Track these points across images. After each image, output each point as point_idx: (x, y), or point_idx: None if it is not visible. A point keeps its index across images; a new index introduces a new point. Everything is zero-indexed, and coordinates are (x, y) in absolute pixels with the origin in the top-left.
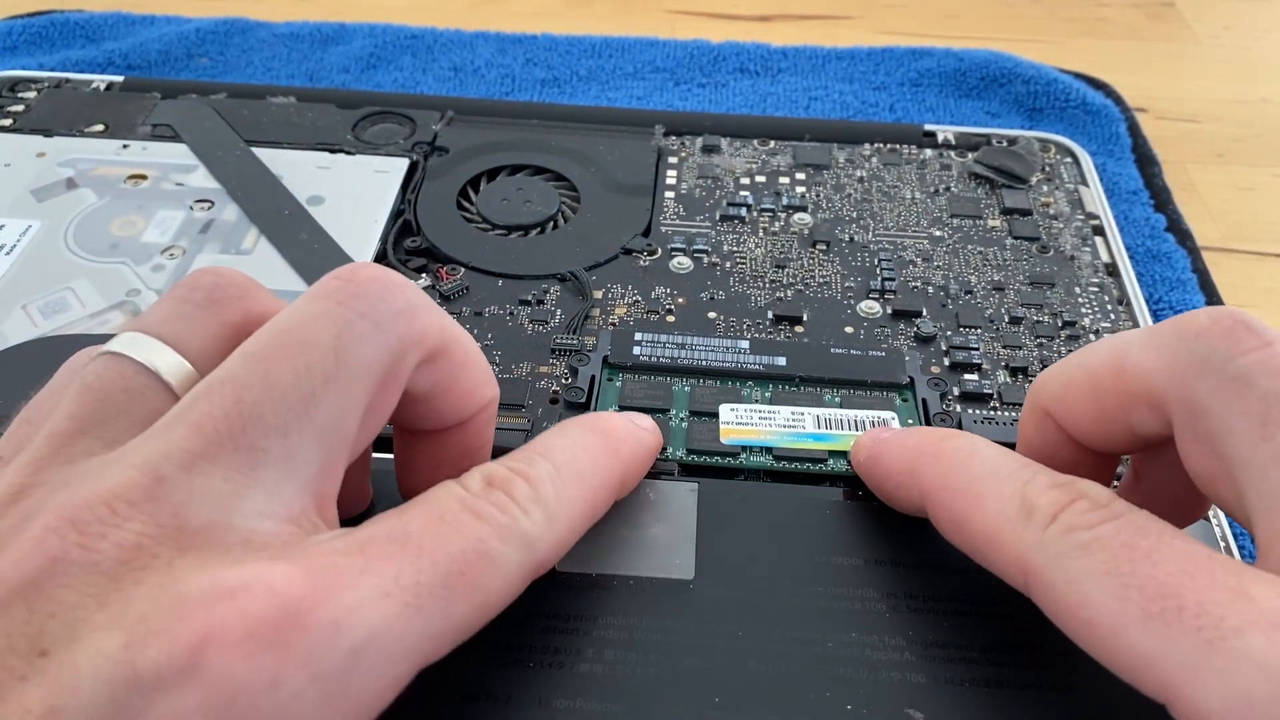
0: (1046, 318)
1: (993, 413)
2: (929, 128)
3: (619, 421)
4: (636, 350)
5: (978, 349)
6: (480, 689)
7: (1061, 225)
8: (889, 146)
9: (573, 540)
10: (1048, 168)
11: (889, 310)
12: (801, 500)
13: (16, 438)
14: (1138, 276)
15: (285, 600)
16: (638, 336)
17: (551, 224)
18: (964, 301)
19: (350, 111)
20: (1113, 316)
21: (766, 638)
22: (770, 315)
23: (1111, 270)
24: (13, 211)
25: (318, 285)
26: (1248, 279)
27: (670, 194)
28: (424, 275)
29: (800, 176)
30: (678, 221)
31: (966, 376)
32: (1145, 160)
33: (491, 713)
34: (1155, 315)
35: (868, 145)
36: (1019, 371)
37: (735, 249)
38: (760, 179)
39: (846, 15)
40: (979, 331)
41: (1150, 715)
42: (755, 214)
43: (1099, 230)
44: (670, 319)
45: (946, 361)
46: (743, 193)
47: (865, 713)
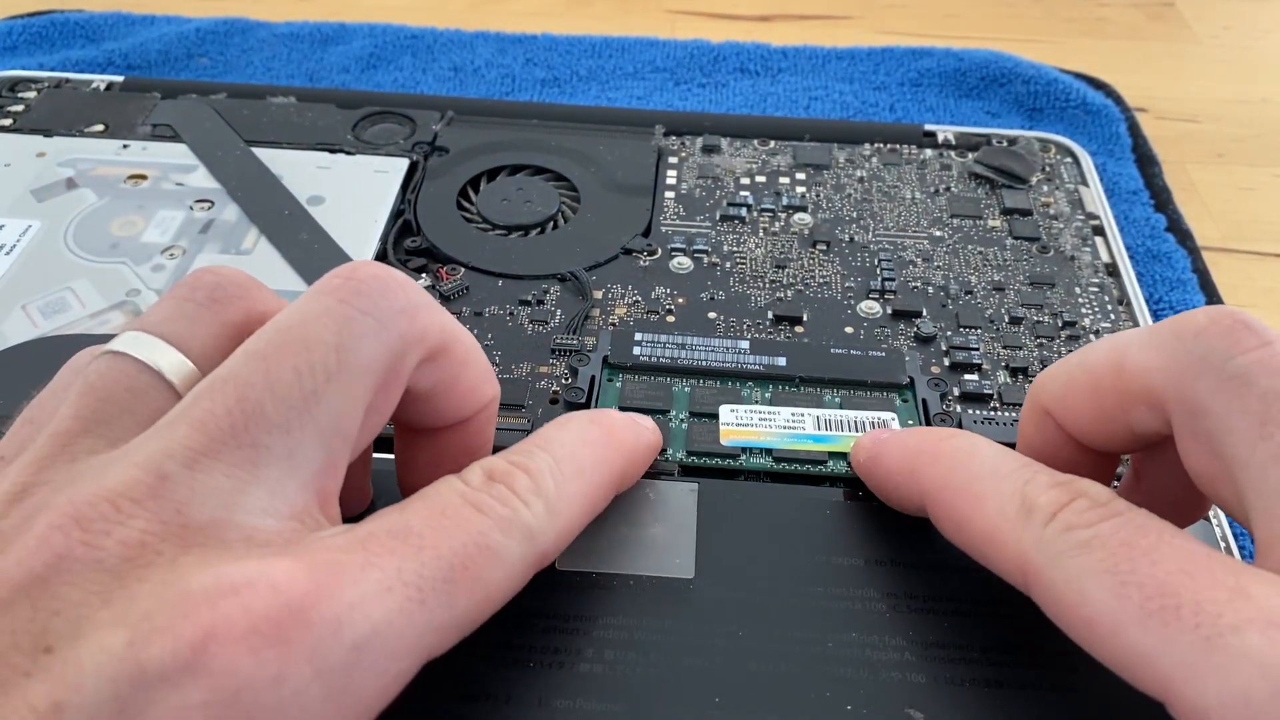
0: (1046, 318)
1: (993, 413)
2: (929, 128)
3: (619, 417)
4: (636, 350)
5: (978, 349)
6: (480, 689)
7: (1061, 225)
8: (889, 146)
9: (574, 532)
10: (1048, 168)
11: (889, 310)
12: (801, 500)
13: (19, 437)
14: (1138, 276)
15: (288, 596)
16: (638, 336)
17: (551, 224)
18: (964, 302)
19: (350, 111)
20: (1113, 316)
21: (766, 638)
22: (770, 315)
23: (1111, 270)
24: (13, 211)
25: (319, 283)
26: (1248, 279)
27: (670, 194)
28: (424, 275)
29: (800, 176)
30: (678, 221)
31: (966, 377)
32: (1145, 160)
33: (491, 713)
34: (1155, 315)
35: (868, 145)
36: (1019, 372)
37: (735, 249)
38: (760, 179)
39: (846, 15)
40: (979, 332)
41: (1150, 716)
42: (755, 214)
43: (1099, 230)
44: (670, 319)
45: (946, 362)
46: (743, 193)
47: (865, 713)
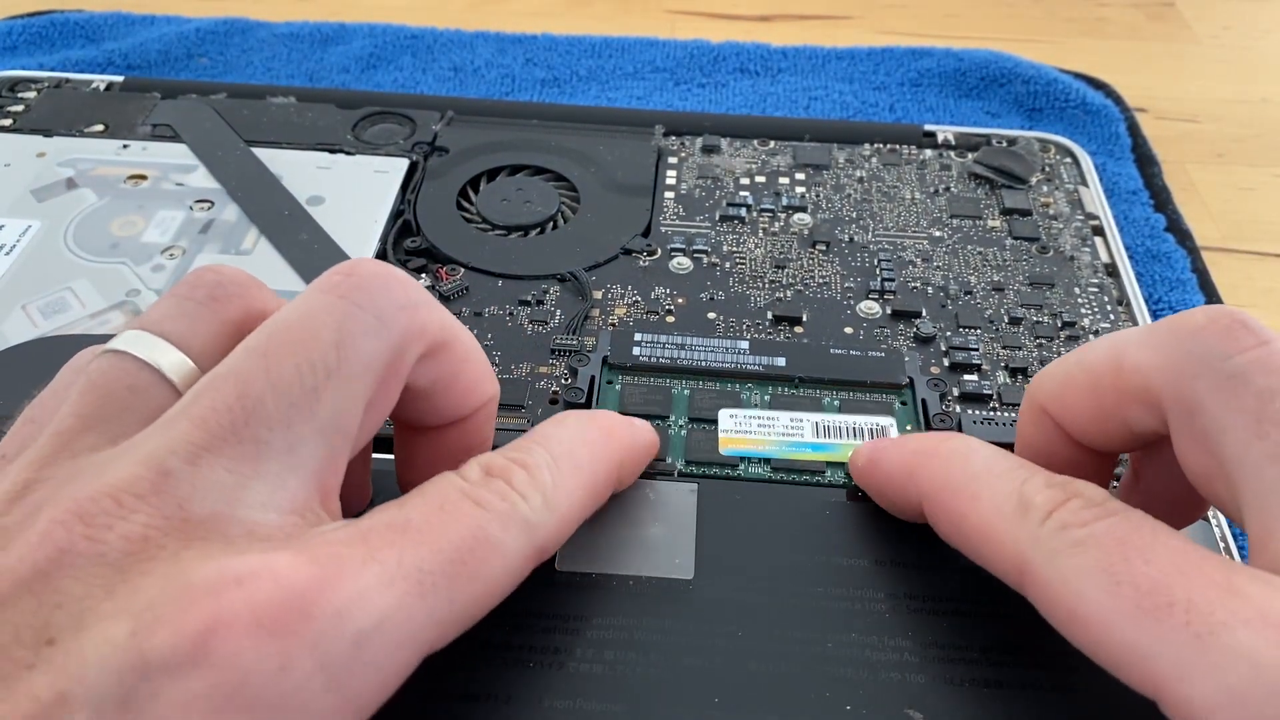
0: (1046, 318)
1: (992, 413)
2: (929, 128)
3: (616, 416)
4: (636, 351)
5: (977, 349)
6: (480, 689)
7: (1061, 225)
8: (889, 146)
9: (573, 526)
10: (1047, 168)
11: (889, 311)
12: (801, 500)
13: (20, 436)
14: (1137, 276)
15: (291, 588)
16: (637, 337)
17: (551, 224)
18: (964, 302)
19: (350, 111)
20: (1112, 317)
21: (766, 638)
22: (770, 316)
23: (1111, 270)
24: (13, 211)
25: (319, 280)
26: (1248, 279)
27: (670, 194)
28: (424, 275)
29: (800, 177)
30: (677, 222)
31: (966, 377)
32: (1145, 160)
33: (491, 713)
34: (1155, 315)
35: (868, 145)
36: (1019, 372)
37: (735, 249)
38: (760, 179)
39: (846, 15)
40: (978, 332)
41: (1149, 716)
42: (755, 214)
43: (1099, 230)
44: (670, 319)
45: (946, 362)
46: (742, 193)
47: (865, 713)
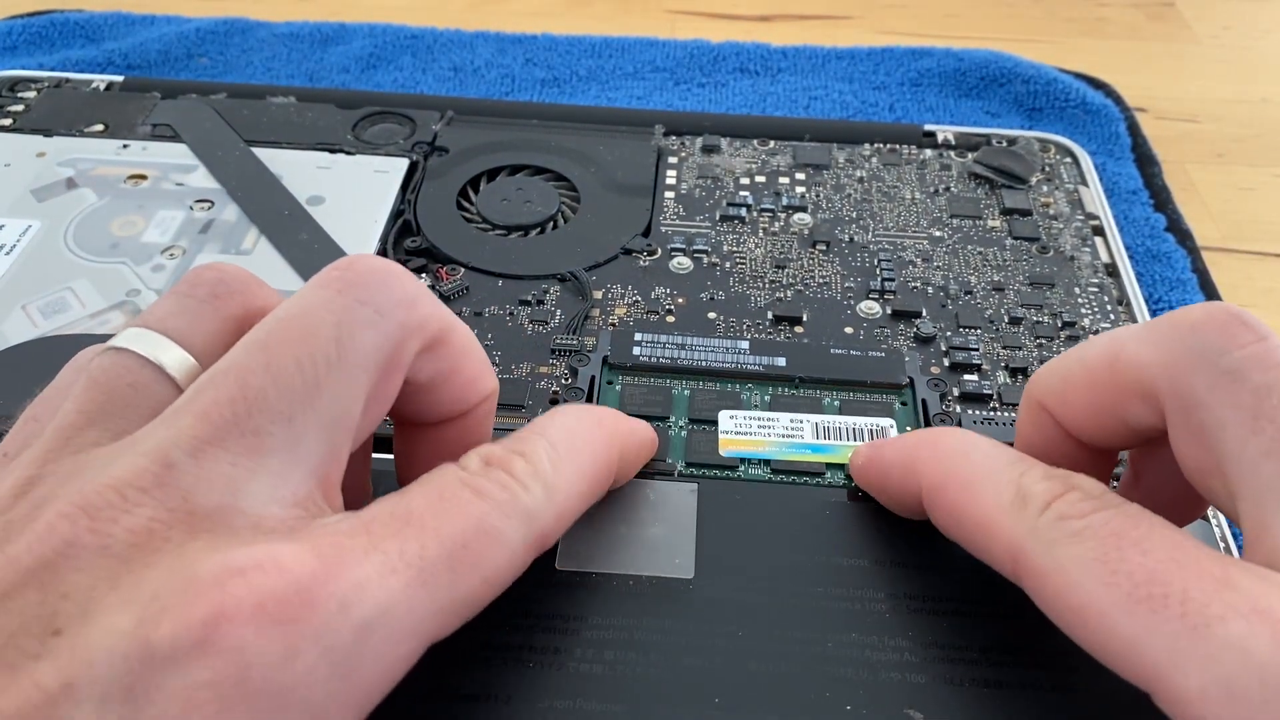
0: (1046, 318)
1: (992, 413)
2: (929, 128)
3: (615, 410)
4: (636, 350)
5: (977, 349)
6: (480, 689)
7: (1061, 225)
8: (889, 146)
9: (573, 515)
10: (1047, 168)
11: (889, 310)
12: (802, 500)
13: (23, 434)
14: (1138, 276)
15: (295, 577)
16: (638, 337)
17: (551, 224)
18: (964, 302)
19: (350, 111)
20: (1112, 317)
21: (766, 638)
22: (770, 315)
23: (1111, 270)
24: (13, 211)
25: (319, 276)
26: (1248, 279)
27: (670, 194)
28: (424, 275)
29: (800, 176)
30: (678, 221)
31: (966, 377)
32: (1145, 160)
33: (491, 713)
34: (1155, 315)
35: (868, 145)
36: (1019, 372)
37: (735, 249)
38: (760, 179)
39: (846, 15)
40: (979, 332)
41: (1149, 716)
42: (755, 214)
43: (1099, 230)
44: (670, 319)
45: (946, 362)
46: (743, 193)
47: (865, 713)
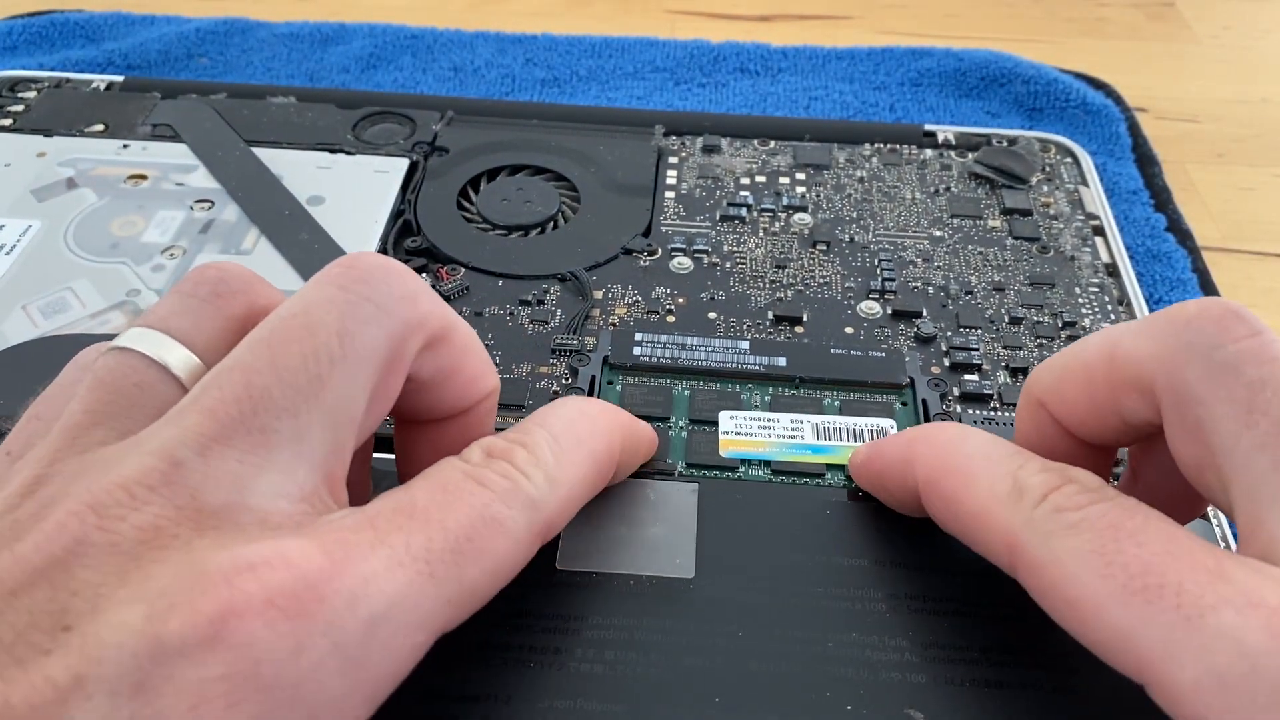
0: (1046, 318)
1: (993, 413)
2: (929, 128)
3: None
4: (636, 350)
5: (978, 349)
6: (480, 689)
7: (1061, 225)
8: (889, 146)
9: (577, 503)
10: (1048, 168)
11: (889, 310)
12: (802, 500)
13: (26, 433)
14: (1138, 276)
15: (303, 572)
16: (638, 337)
17: (551, 224)
18: (964, 302)
19: (350, 111)
20: (1113, 317)
21: (766, 638)
22: (770, 315)
23: (1111, 270)
24: (13, 211)
25: (321, 273)
26: (1248, 279)
27: (670, 194)
28: (424, 275)
29: (800, 176)
30: (678, 221)
31: (966, 377)
32: (1145, 160)
33: (491, 713)
34: None
35: (868, 145)
36: (1019, 372)
37: (735, 249)
38: (760, 179)
39: (846, 15)
40: (979, 332)
41: (1149, 716)
42: (755, 214)
43: (1099, 230)
44: (670, 319)
45: (946, 362)
46: (743, 193)
47: (865, 713)
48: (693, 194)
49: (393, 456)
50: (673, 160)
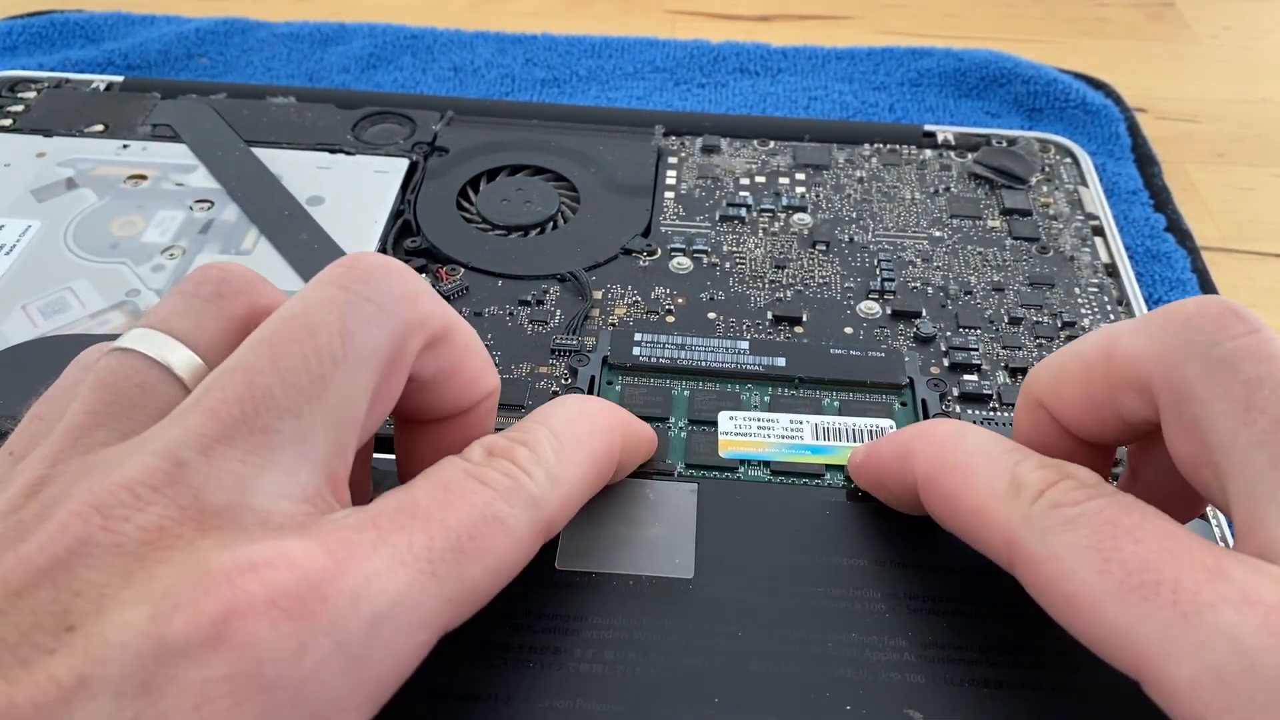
0: (1046, 318)
1: (992, 413)
2: (929, 128)
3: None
4: (636, 351)
5: (977, 349)
6: (480, 689)
7: (1061, 225)
8: (889, 147)
9: (578, 501)
10: (1047, 168)
11: (888, 311)
12: (802, 500)
13: (28, 433)
14: (1137, 276)
15: (306, 572)
16: (637, 337)
17: (551, 224)
18: (963, 302)
19: (350, 111)
20: (1112, 317)
21: (766, 638)
22: (770, 316)
23: (1111, 270)
24: (13, 211)
25: (322, 273)
26: (1248, 279)
27: (670, 194)
28: (424, 275)
29: (800, 177)
30: (677, 222)
31: (966, 377)
32: (1145, 160)
33: (491, 713)
34: None
35: (867, 145)
36: (1018, 372)
37: (735, 249)
38: (760, 179)
39: (846, 15)
40: (978, 332)
41: (1147, 714)
42: (755, 214)
43: (1099, 230)
44: (670, 319)
45: (946, 362)
46: (742, 193)
47: (865, 713)
48: (692, 194)
49: (393, 456)
50: (672, 160)
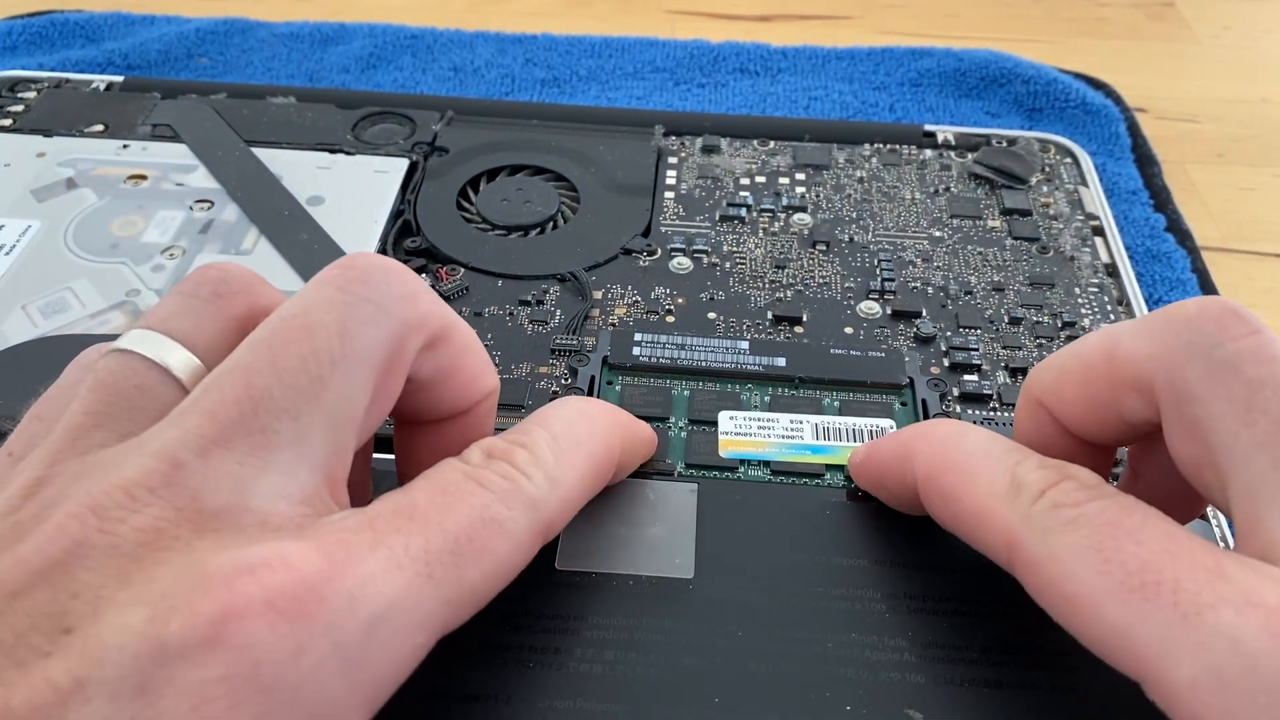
0: (1046, 318)
1: (992, 413)
2: (929, 128)
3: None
4: (636, 351)
5: (977, 349)
6: (480, 689)
7: (1061, 225)
8: (889, 147)
9: (577, 503)
10: (1047, 168)
11: (889, 311)
12: (802, 500)
13: (27, 433)
14: (1137, 276)
15: (303, 574)
16: (637, 337)
17: (551, 224)
18: (964, 302)
19: (350, 111)
20: (1112, 317)
21: (766, 638)
22: (770, 316)
23: (1111, 270)
24: (13, 211)
25: (320, 274)
26: (1248, 279)
27: (670, 194)
28: (424, 275)
29: (800, 177)
30: (677, 222)
31: (966, 377)
32: (1145, 160)
33: (491, 713)
34: None
35: (868, 145)
36: (1018, 372)
37: (735, 249)
38: (760, 179)
39: (846, 15)
40: (979, 332)
41: (1147, 715)
42: (755, 214)
43: (1099, 230)
44: (670, 319)
45: (946, 362)
46: (742, 193)
47: (865, 713)
48: (692, 194)
49: (393, 457)
50: (672, 160)
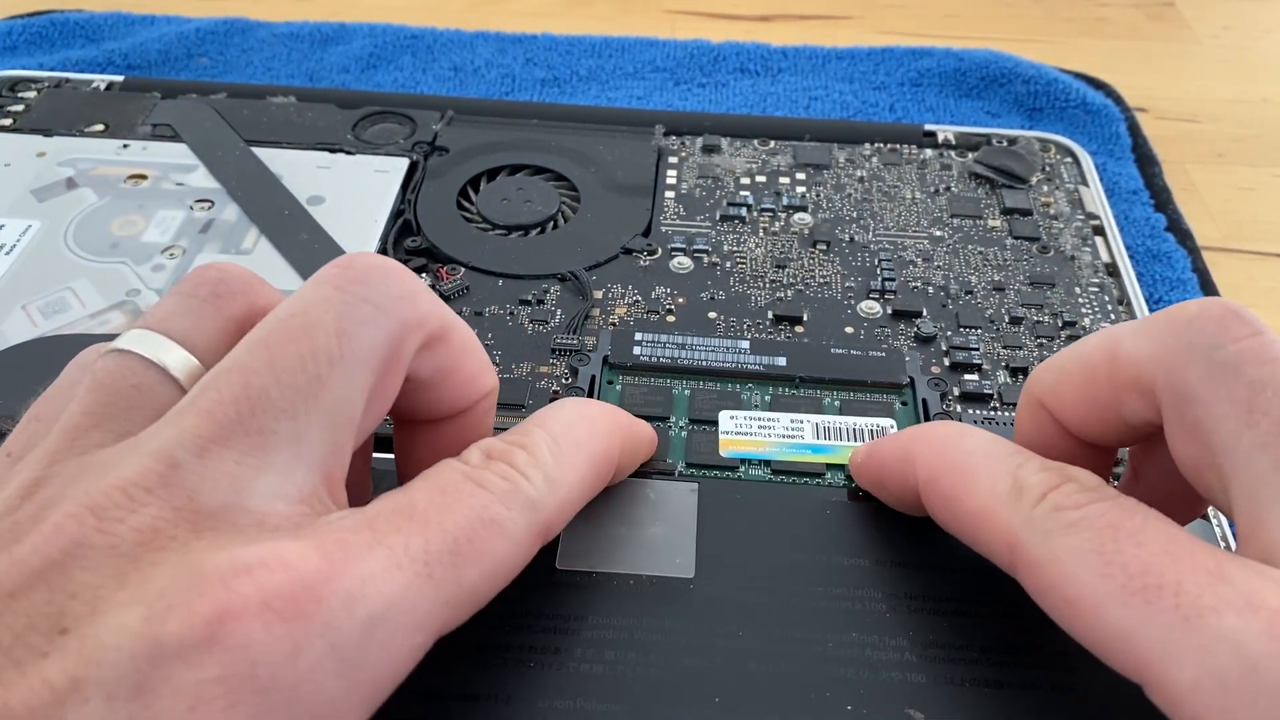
0: (1047, 318)
1: (993, 413)
2: (929, 128)
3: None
4: (636, 350)
5: (978, 349)
6: (480, 689)
7: (1061, 225)
8: (889, 146)
9: (577, 504)
10: (1048, 168)
11: (889, 310)
12: (802, 500)
13: (26, 434)
14: (1138, 276)
15: (301, 574)
16: (638, 336)
17: (551, 224)
18: (964, 302)
19: (350, 111)
20: (1113, 316)
21: (766, 638)
22: (770, 315)
23: (1111, 270)
24: (13, 211)
25: (319, 273)
26: (1248, 279)
27: (670, 194)
28: (424, 275)
29: (800, 176)
30: (678, 221)
31: (966, 377)
32: (1145, 160)
33: (491, 713)
34: None
35: (868, 145)
36: (1019, 372)
37: (735, 249)
38: (760, 179)
39: (846, 15)
40: (979, 332)
41: (1149, 716)
42: (755, 214)
43: (1099, 230)
44: (670, 319)
45: (946, 362)
46: (743, 193)
47: (865, 713)
48: (693, 194)
49: (393, 456)
50: (673, 160)
